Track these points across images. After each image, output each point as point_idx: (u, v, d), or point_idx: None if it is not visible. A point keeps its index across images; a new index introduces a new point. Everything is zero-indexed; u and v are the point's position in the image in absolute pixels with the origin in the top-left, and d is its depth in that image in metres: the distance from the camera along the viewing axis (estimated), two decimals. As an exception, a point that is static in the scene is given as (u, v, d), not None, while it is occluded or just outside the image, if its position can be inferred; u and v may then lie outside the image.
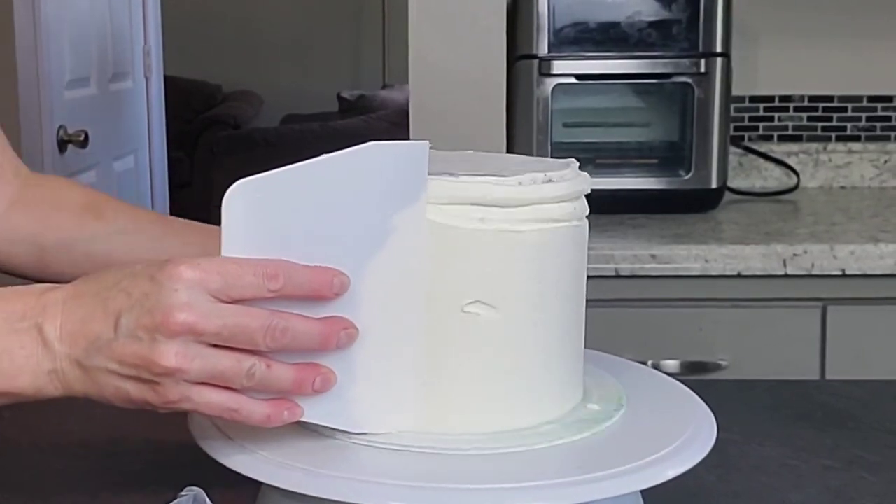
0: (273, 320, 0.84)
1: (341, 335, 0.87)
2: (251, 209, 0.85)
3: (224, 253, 0.85)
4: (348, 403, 0.90)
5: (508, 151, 2.36)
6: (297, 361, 0.87)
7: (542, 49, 2.44)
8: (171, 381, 0.84)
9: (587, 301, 1.01)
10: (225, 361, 0.84)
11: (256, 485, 0.91)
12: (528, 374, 0.95)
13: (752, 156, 2.82)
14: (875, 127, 2.82)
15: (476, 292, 0.92)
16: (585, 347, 1.02)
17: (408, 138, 2.31)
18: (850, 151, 2.83)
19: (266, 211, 0.85)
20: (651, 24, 2.45)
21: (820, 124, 2.83)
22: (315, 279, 0.86)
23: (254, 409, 0.86)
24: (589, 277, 1.01)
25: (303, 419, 0.88)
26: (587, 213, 0.98)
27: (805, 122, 2.83)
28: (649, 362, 2.02)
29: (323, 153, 0.87)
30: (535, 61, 2.44)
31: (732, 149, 2.72)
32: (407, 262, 0.90)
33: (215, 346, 0.84)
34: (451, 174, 0.92)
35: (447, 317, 0.92)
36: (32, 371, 0.88)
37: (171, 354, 0.83)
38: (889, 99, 2.80)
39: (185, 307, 0.82)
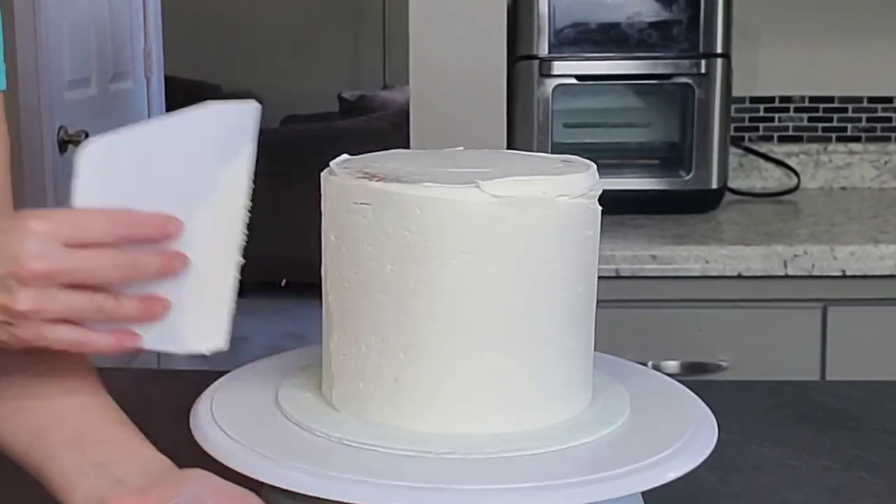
0: (120, 256, 0.91)
1: (175, 261, 0.95)
2: (102, 165, 0.93)
3: (76, 204, 0.92)
4: (176, 329, 0.97)
5: (509, 152, 2.36)
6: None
7: (543, 50, 2.44)
8: (27, 323, 0.90)
9: (588, 302, 1.01)
10: (77, 298, 0.90)
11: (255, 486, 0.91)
12: (537, 376, 0.95)
13: (752, 156, 2.82)
14: (875, 128, 2.82)
15: (486, 290, 0.92)
16: (586, 349, 1.02)
17: (408, 138, 2.32)
18: (851, 152, 2.83)
19: (114, 167, 0.93)
20: (651, 24, 2.45)
21: (820, 125, 2.83)
22: (154, 224, 0.93)
23: (100, 338, 0.93)
24: (589, 278, 1.01)
25: (141, 346, 0.96)
26: (599, 207, 0.99)
27: (805, 123, 2.83)
28: (649, 363, 2.02)
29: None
30: (536, 62, 2.44)
31: (733, 149, 2.72)
32: (229, 207, 0.99)
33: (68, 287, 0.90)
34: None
35: (454, 315, 0.92)
36: None
37: (27, 299, 0.89)
38: (889, 100, 2.81)
39: (37, 256, 0.88)
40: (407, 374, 0.94)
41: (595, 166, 1.00)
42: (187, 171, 0.97)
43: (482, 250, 0.92)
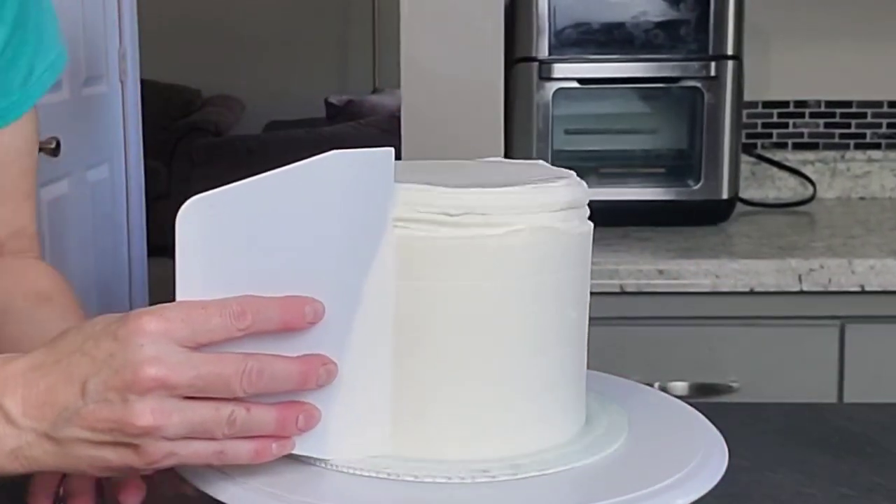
0: (247, 364, 0.84)
1: (321, 372, 0.87)
2: (208, 228, 0.84)
3: (179, 276, 0.85)
4: (327, 432, 0.90)
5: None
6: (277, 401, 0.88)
7: (543, 51, 2.45)
8: (151, 440, 0.83)
9: (590, 319, 1.01)
10: (202, 411, 0.84)
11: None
12: (527, 400, 0.95)
13: (765, 165, 2.83)
14: (896, 134, 2.82)
15: (470, 313, 0.92)
16: (589, 368, 1.02)
17: (399, 145, 2.32)
18: (870, 160, 2.83)
19: (223, 229, 0.85)
20: (658, 24, 2.46)
21: (837, 131, 2.83)
22: (285, 311, 0.86)
23: (239, 447, 0.87)
24: (592, 294, 1.02)
25: (292, 451, 0.89)
26: (590, 224, 0.99)
27: (822, 129, 2.83)
28: (656, 384, 2.02)
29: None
30: (535, 64, 2.45)
31: (744, 157, 2.73)
32: (373, 277, 0.90)
33: (190, 397, 0.84)
34: (429, 183, 0.92)
35: (441, 341, 0.92)
36: None
37: (146, 413, 0.82)
38: (911, 104, 2.81)
39: (153, 361, 0.82)
40: (395, 398, 0.94)
41: (576, 177, 1.00)
42: (315, 234, 0.87)
43: (454, 274, 0.92)
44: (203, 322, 0.83)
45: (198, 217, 0.84)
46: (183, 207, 0.83)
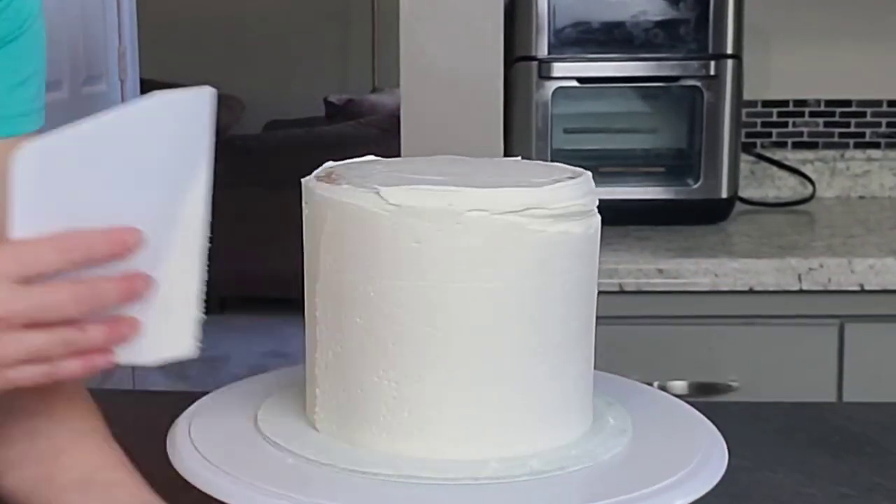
0: (78, 288, 0.88)
1: (139, 284, 0.92)
2: (41, 174, 0.87)
3: (16, 224, 0.88)
4: (145, 341, 0.95)
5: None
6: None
7: (542, 50, 2.44)
8: None
9: (590, 319, 1.01)
10: (38, 340, 0.88)
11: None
12: (532, 401, 0.95)
13: (764, 164, 2.82)
14: (895, 133, 2.82)
15: (476, 313, 0.92)
16: (588, 368, 1.02)
17: (399, 144, 2.32)
18: (870, 159, 2.83)
19: (56, 174, 0.88)
20: (658, 23, 2.46)
21: (837, 130, 2.83)
22: (111, 242, 0.90)
23: (69, 366, 0.91)
24: (591, 293, 1.01)
25: (121, 362, 0.94)
26: (597, 225, 0.99)
27: (821, 128, 2.83)
28: (656, 383, 2.02)
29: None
30: (535, 63, 2.44)
31: (744, 156, 2.72)
32: (189, 203, 0.96)
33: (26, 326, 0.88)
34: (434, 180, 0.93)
35: (447, 341, 0.92)
36: None
37: None
38: (910, 103, 2.81)
39: None
40: (396, 397, 0.94)
41: (588, 174, 1.00)
42: (139, 171, 0.93)
43: (461, 276, 0.92)
44: (34, 258, 0.87)
45: (32, 165, 0.87)
46: (17, 155, 0.86)
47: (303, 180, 1.02)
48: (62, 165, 0.88)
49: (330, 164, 1.04)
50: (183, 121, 0.93)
